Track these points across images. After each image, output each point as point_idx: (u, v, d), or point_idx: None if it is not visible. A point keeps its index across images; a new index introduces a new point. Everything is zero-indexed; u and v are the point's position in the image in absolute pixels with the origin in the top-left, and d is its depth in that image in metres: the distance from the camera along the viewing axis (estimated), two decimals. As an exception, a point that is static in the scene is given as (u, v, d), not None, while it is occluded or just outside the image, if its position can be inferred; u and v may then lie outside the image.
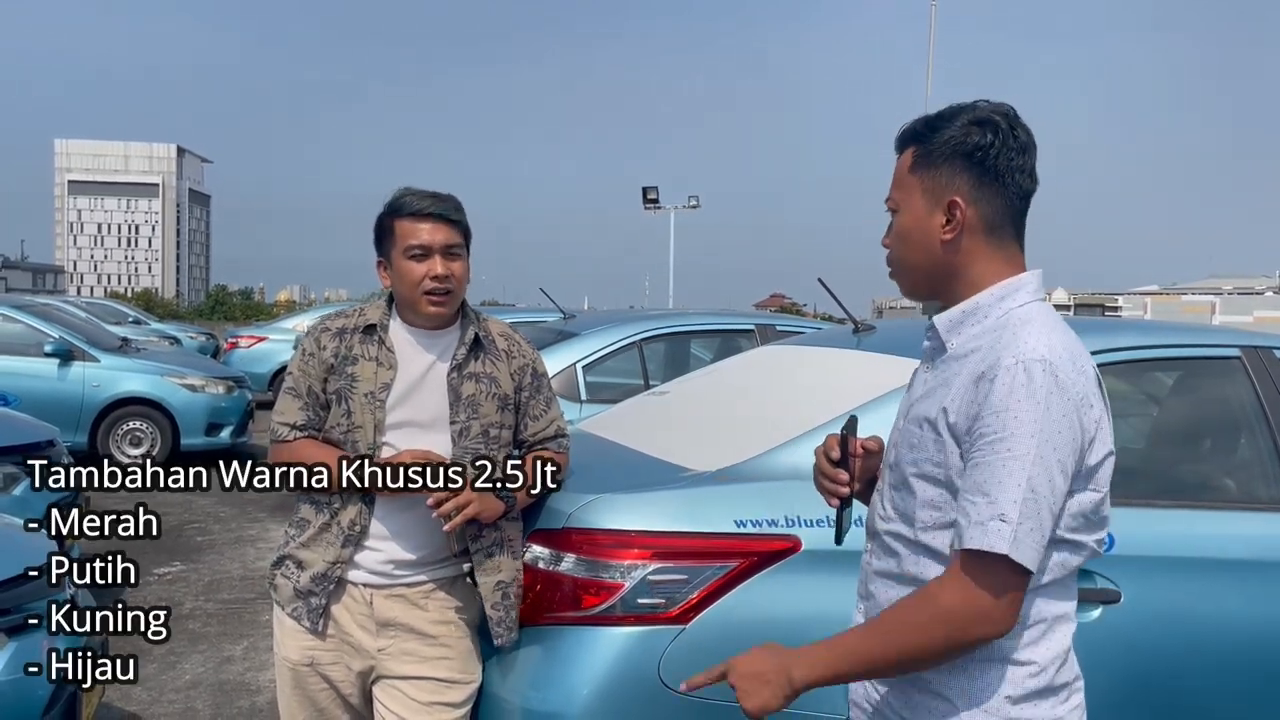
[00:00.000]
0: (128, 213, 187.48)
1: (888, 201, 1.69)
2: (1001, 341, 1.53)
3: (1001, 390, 1.47)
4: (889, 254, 1.71)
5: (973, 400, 1.51)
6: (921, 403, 1.63)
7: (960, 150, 1.59)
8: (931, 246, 1.63)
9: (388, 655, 2.39)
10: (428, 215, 2.35)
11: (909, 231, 1.65)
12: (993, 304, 1.61)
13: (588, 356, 5.80)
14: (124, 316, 22.32)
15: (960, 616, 1.47)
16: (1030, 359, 1.48)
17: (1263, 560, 2.70)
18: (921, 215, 1.63)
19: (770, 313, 12.07)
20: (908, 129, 1.67)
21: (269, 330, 16.40)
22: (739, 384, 3.57)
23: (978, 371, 1.52)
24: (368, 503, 2.36)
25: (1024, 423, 1.45)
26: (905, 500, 1.62)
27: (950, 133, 1.60)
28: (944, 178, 1.61)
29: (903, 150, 1.67)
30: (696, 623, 2.30)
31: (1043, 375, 1.47)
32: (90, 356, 9.89)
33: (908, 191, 1.65)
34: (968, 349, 1.59)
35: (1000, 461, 1.45)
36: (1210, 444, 3.32)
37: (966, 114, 1.61)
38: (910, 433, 1.62)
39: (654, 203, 33.56)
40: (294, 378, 2.43)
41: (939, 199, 1.61)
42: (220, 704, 4.43)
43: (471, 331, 2.45)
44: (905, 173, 1.65)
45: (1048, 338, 1.52)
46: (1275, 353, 3.03)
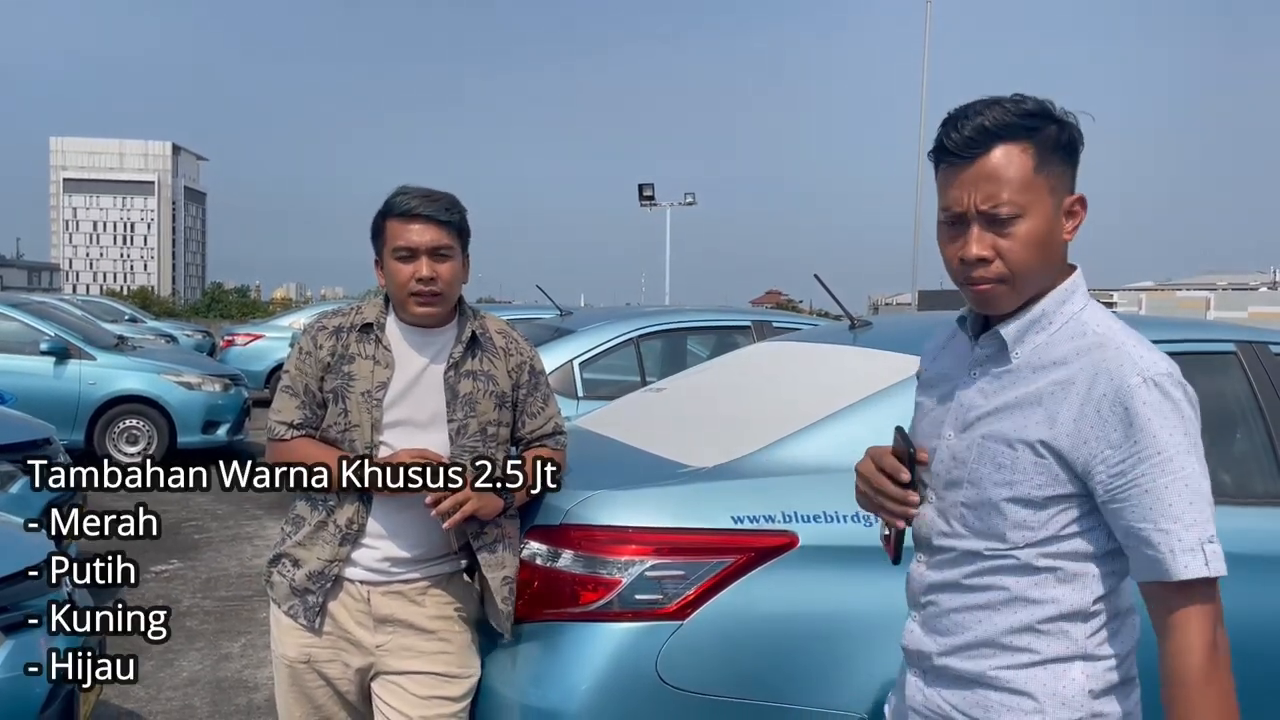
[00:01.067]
0: (123, 210, 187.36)
1: (1001, 208, 1.51)
2: (1107, 361, 1.50)
3: (1148, 413, 1.45)
4: (995, 265, 1.53)
5: (1100, 427, 1.47)
6: (998, 420, 1.57)
7: (1071, 147, 1.55)
8: (1058, 252, 1.57)
9: (386, 651, 2.40)
10: (416, 216, 2.34)
11: (1042, 236, 1.52)
12: (1055, 309, 1.57)
13: (584, 353, 5.81)
14: (120, 314, 22.29)
15: (1226, 645, 1.48)
16: (1158, 374, 1.48)
17: (1258, 555, 2.70)
18: (1052, 218, 1.54)
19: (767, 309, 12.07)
20: (1000, 123, 1.51)
21: (265, 328, 16.38)
22: (735, 380, 3.58)
23: (1094, 397, 1.48)
24: (365, 501, 2.36)
25: (1178, 438, 1.46)
26: (988, 519, 1.57)
27: (1055, 128, 1.52)
28: (1063, 176, 1.55)
29: (989, 147, 1.51)
30: (694, 618, 2.31)
31: (1178, 390, 1.49)
32: (86, 354, 9.87)
33: (1035, 193, 1.51)
34: (1043, 361, 1.55)
35: (1177, 483, 1.45)
36: (1206, 439, 3.32)
37: (1039, 105, 1.53)
38: (996, 451, 1.55)
39: (650, 199, 33.53)
40: (290, 376, 2.43)
41: (1062, 199, 1.55)
42: (218, 701, 4.44)
43: (469, 329, 2.44)
44: (1029, 173, 1.51)
45: (1149, 347, 1.52)
46: (1270, 348, 3.04)
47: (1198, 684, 1.45)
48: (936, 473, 1.65)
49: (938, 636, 1.64)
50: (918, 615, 1.70)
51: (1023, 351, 1.57)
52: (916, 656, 1.70)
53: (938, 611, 1.64)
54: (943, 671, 1.64)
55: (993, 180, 1.51)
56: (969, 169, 1.52)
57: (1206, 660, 1.45)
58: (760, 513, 2.38)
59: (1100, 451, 1.47)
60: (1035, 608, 1.55)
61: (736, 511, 2.38)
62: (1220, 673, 1.46)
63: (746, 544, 2.36)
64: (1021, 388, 1.55)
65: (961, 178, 1.53)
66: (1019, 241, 1.52)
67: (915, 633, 1.70)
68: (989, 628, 1.58)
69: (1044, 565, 1.54)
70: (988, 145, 1.51)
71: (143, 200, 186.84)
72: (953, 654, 1.62)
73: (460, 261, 2.41)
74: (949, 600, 1.62)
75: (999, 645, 1.57)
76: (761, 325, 6.33)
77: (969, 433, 1.60)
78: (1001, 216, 1.51)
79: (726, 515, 2.38)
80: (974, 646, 1.59)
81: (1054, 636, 1.55)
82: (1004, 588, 1.56)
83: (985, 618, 1.58)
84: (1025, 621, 1.55)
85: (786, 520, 2.37)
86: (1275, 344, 3.06)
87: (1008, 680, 1.56)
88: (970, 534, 1.59)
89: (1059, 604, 1.54)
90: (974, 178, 1.52)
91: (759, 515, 2.38)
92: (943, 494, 1.63)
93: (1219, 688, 1.46)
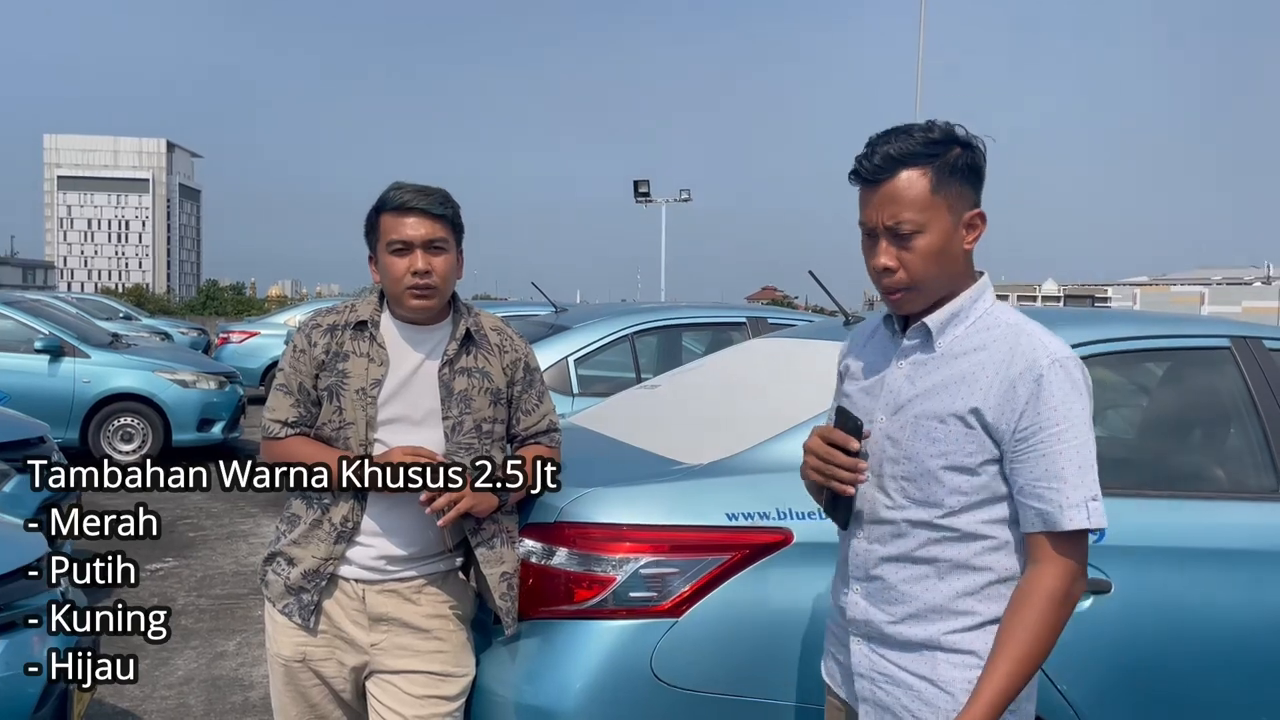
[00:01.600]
0: (118, 208, 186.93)
1: (901, 225, 1.74)
2: (1020, 345, 1.74)
3: (1051, 389, 1.69)
4: (899, 274, 1.77)
5: (1014, 401, 1.70)
6: (927, 400, 1.78)
7: (970, 166, 1.76)
8: (958, 261, 1.79)
9: (381, 650, 2.39)
10: (410, 210, 2.34)
11: (939, 250, 1.76)
12: (970, 305, 1.81)
13: (579, 350, 5.81)
14: (115, 312, 22.26)
15: (1075, 592, 1.71)
16: (1063, 358, 1.72)
17: (1252, 549, 2.71)
18: (950, 232, 1.76)
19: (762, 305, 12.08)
20: (904, 151, 1.73)
21: (261, 325, 16.34)
22: (730, 377, 3.57)
23: (1009, 375, 1.72)
24: (360, 499, 2.35)
25: (1077, 412, 1.70)
26: (928, 489, 1.77)
27: (955, 152, 1.74)
28: (963, 194, 1.76)
29: (894, 172, 1.73)
30: (689, 615, 2.31)
31: (1077, 371, 1.73)
32: (81, 352, 9.85)
33: (934, 211, 1.74)
34: (963, 349, 1.78)
35: (1071, 450, 1.68)
36: (1200, 434, 3.33)
37: (945, 133, 1.75)
38: (929, 427, 1.77)
39: (645, 196, 33.51)
40: (285, 374, 2.43)
41: (961, 215, 1.77)
42: (213, 699, 4.43)
43: (463, 326, 2.44)
44: (927, 194, 1.73)
45: (1056, 338, 1.76)
46: (1264, 343, 3.04)
47: (1050, 602, 1.68)
48: (873, 454, 1.85)
49: (887, 607, 1.83)
50: (860, 588, 1.89)
51: (944, 341, 1.80)
52: (863, 625, 1.88)
53: (885, 585, 1.84)
54: (892, 639, 1.83)
55: (896, 201, 1.74)
56: (877, 191, 1.76)
57: (1054, 592, 1.69)
58: (755, 510, 2.38)
59: (1012, 419, 1.71)
60: (976, 575, 1.77)
61: (731, 509, 2.38)
62: (1062, 606, 1.69)
63: (741, 541, 2.36)
64: (946, 371, 1.78)
65: (872, 199, 1.77)
66: (919, 254, 1.75)
67: (860, 604, 1.88)
68: (935, 595, 1.79)
69: (981, 533, 1.76)
70: (893, 171, 1.74)
71: (137, 197, 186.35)
72: (903, 622, 1.81)
73: (455, 255, 2.41)
74: (897, 573, 1.82)
75: (946, 610, 1.78)
76: (757, 322, 6.33)
77: (900, 414, 1.81)
78: (903, 232, 1.75)
79: (721, 512, 2.37)
80: (923, 613, 1.79)
81: (992, 600, 1.77)
82: (948, 559, 1.78)
83: (931, 586, 1.79)
84: (968, 588, 1.77)
85: (781, 517, 2.37)
86: (1269, 339, 3.07)
87: (954, 643, 1.78)
88: (912, 504, 1.80)
89: (994, 570, 1.77)
90: (881, 199, 1.76)
91: (753, 512, 2.38)
92: (880, 471, 1.84)
93: (1053, 616, 1.69)
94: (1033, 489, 1.70)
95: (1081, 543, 1.71)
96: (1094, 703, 2.45)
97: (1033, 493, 1.70)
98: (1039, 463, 1.69)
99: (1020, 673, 1.68)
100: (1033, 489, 1.70)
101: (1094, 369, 3.35)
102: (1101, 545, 2.50)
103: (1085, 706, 2.44)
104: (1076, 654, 2.43)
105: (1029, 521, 1.72)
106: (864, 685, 1.88)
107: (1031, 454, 1.70)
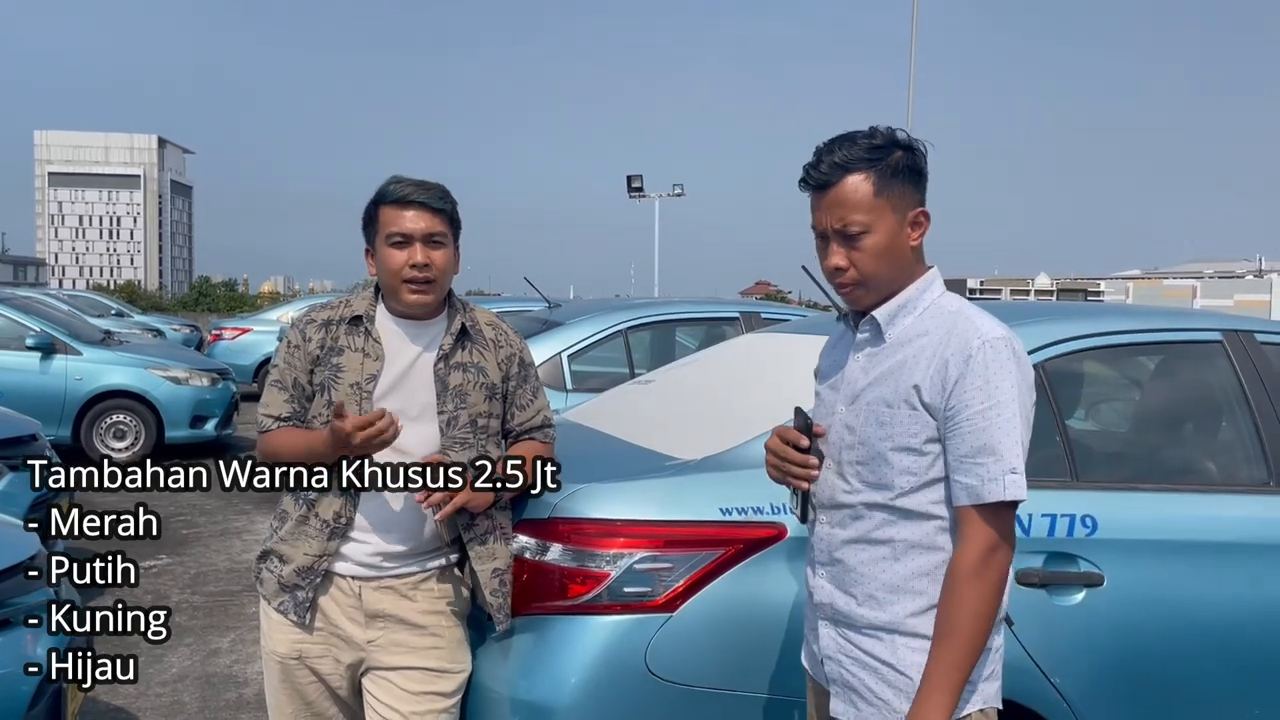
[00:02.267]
0: (109, 204, 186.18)
1: (849, 227, 1.86)
2: (957, 328, 1.84)
3: (979, 367, 1.78)
4: (850, 272, 1.90)
5: (945, 379, 1.80)
6: (878, 387, 1.90)
7: (912, 168, 1.88)
8: (904, 256, 1.91)
9: (377, 647, 2.39)
10: (410, 203, 2.34)
11: (886, 248, 1.88)
12: (918, 296, 1.92)
13: (573, 346, 5.80)
14: (106, 309, 22.19)
15: (1005, 561, 1.79)
16: (993, 338, 1.81)
17: (1244, 542, 2.72)
18: (895, 231, 1.88)
19: (755, 300, 12.08)
20: (847, 158, 1.85)
21: (253, 321, 16.31)
22: (723, 372, 3.57)
23: (943, 355, 1.82)
24: (351, 494, 2.35)
25: (1005, 389, 1.78)
26: (879, 471, 1.88)
27: (895, 156, 1.86)
28: (905, 195, 1.88)
29: (840, 178, 1.86)
30: (683, 610, 2.31)
31: (1006, 350, 1.80)
32: (72, 349, 9.82)
33: (878, 213, 1.86)
34: (909, 336, 1.89)
35: (996, 425, 1.77)
36: (1192, 427, 3.34)
37: (886, 139, 1.87)
38: (877, 413, 1.88)
39: (639, 191, 33.53)
40: (279, 370, 2.42)
41: (905, 214, 1.89)
42: (208, 697, 4.42)
43: (459, 321, 2.44)
44: (870, 198, 1.85)
45: (993, 321, 1.85)
46: (1256, 336, 3.05)
47: (966, 576, 1.77)
48: (833, 443, 1.96)
49: (849, 589, 1.92)
50: (824, 572, 1.98)
51: (894, 331, 1.91)
52: (829, 609, 1.97)
53: (846, 568, 1.93)
54: (855, 621, 1.91)
55: (843, 205, 1.86)
56: (825, 196, 1.89)
57: (979, 562, 1.77)
58: (748, 504, 2.38)
59: (944, 396, 1.81)
60: (929, 554, 1.85)
61: (725, 503, 2.38)
62: (985, 576, 1.77)
63: (735, 535, 2.36)
64: (894, 358, 1.89)
65: (821, 203, 1.90)
66: (867, 253, 1.88)
67: (825, 588, 1.98)
68: (892, 576, 1.87)
69: (932, 513, 1.85)
70: (839, 176, 1.86)
71: (129, 194, 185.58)
72: (864, 604, 1.90)
73: (452, 250, 2.41)
74: (856, 555, 1.91)
75: (903, 590, 1.86)
76: (750, 316, 6.32)
77: (856, 403, 1.93)
78: (851, 234, 1.87)
79: (715, 507, 2.38)
80: (881, 594, 1.88)
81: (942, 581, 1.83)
82: (902, 539, 1.87)
83: (888, 567, 1.88)
84: (922, 568, 1.86)
85: (775, 511, 2.37)
86: (1261, 332, 3.07)
87: (913, 626, 1.86)
88: (866, 487, 1.89)
89: (946, 550, 1.85)
90: (829, 204, 1.88)
91: (747, 507, 2.38)
92: (840, 458, 1.94)
93: (978, 588, 1.76)
94: (960, 464, 1.80)
95: (1004, 515, 1.79)
96: (1088, 695, 2.46)
97: (959, 467, 1.80)
98: (966, 439, 1.78)
99: (959, 648, 1.76)
100: (960, 464, 1.80)
101: (1087, 363, 3.37)
102: (1094, 539, 2.51)
103: (1079, 699, 2.45)
104: (1069, 647, 2.44)
105: (957, 496, 1.81)
106: (832, 667, 1.98)
107: (959, 430, 1.79)
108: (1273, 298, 30.89)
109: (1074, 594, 2.46)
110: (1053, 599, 2.44)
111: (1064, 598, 2.45)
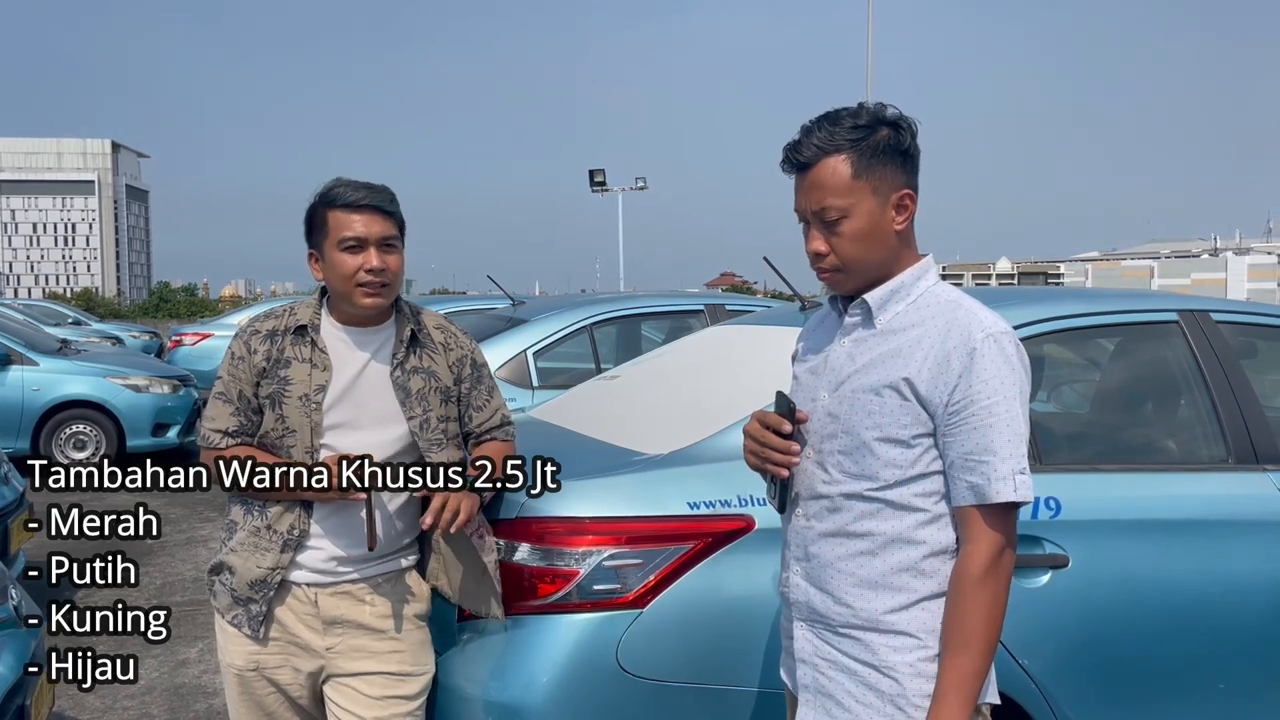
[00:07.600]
0: (64, 211, 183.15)
1: (826, 211, 1.79)
2: (957, 320, 1.77)
3: (984, 363, 1.72)
4: (830, 258, 1.83)
5: (947, 371, 1.74)
6: (866, 374, 1.81)
7: (897, 149, 1.79)
8: (889, 241, 1.82)
9: (337, 654, 2.36)
10: (362, 207, 2.30)
11: (866, 233, 1.80)
12: (912, 283, 1.85)
13: (538, 343, 5.79)
14: (63, 317, 21.84)
15: (1004, 564, 1.73)
16: (997, 333, 1.75)
17: (1206, 519, 2.75)
18: (876, 215, 1.80)
19: (721, 292, 12.11)
20: (827, 139, 1.78)
21: (214, 326, 16.07)
22: (689, 365, 3.57)
23: (944, 348, 1.75)
24: (306, 507, 2.31)
25: (1008, 386, 1.73)
26: (863, 461, 1.80)
27: (879, 136, 1.78)
28: (888, 176, 1.79)
29: (818, 160, 1.79)
30: (654, 606, 2.31)
31: (1011, 346, 1.76)
32: (28, 360, 9.66)
33: (856, 197, 1.78)
34: (902, 324, 1.82)
35: (1002, 422, 1.71)
36: (1152, 408, 3.38)
37: (873, 116, 1.79)
38: (866, 400, 1.80)
39: (601, 185, 33.49)
40: (224, 382, 2.37)
41: (888, 196, 1.80)
42: (176, 708, 4.37)
43: (408, 328, 2.41)
44: (848, 180, 1.77)
45: (992, 314, 1.79)
46: (1211, 315, 3.09)
47: (976, 581, 1.71)
48: (814, 430, 1.88)
49: (824, 584, 1.85)
50: (799, 568, 1.91)
51: (884, 318, 1.84)
52: (804, 608, 1.90)
53: (822, 562, 1.86)
54: (832, 620, 1.84)
55: (820, 188, 1.79)
56: (804, 179, 1.82)
57: (986, 567, 1.71)
58: (716, 498, 2.38)
59: (946, 391, 1.74)
60: (910, 549, 1.78)
61: (692, 497, 2.38)
62: (995, 580, 1.72)
63: (703, 529, 2.36)
64: (885, 345, 1.82)
65: (801, 187, 1.84)
66: (846, 238, 1.80)
67: (800, 585, 1.90)
68: (870, 571, 1.80)
69: (915, 506, 1.78)
70: (818, 158, 1.79)
71: (83, 200, 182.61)
72: (841, 602, 1.83)
73: (402, 254, 2.38)
74: (833, 549, 1.84)
75: (882, 586, 1.79)
76: (715, 309, 6.33)
77: (841, 390, 1.84)
78: (829, 219, 1.80)
79: (682, 502, 2.38)
80: (859, 591, 1.81)
81: (928, 576, 1.78)
82: (882, 532, 1.79)
83: (866, 563, 1.80)
84: (902, 563, 1.78)
85: (743, 504, 2.38)
86: (1216, 311, 3.11)
87: (891, 623, 1.79)
88: (847, 477, 1.82)
89: (929, 544, 1.78)
90: (808, 186, 1.82)
91: (715, 500, 2.38)
92: (820, 447, 1.86)
93: (990, 592, 1.71)
94: (964, 462, 1.73)
95: (1010, 516, 1.74)
96: (1055, 676, 2.48)
97: (964, 465, 1.73)
98: (970, 436, 1.72)
99: (977, 657, 1.71)
100: (964, 462, 1.73)
101: (1047, 346, 3.40)
102: (1058, 520, 2.53)
103: (1046, 680, 2.47)
104: (1037, 629, 2.46)
105: (960, 495, 1.75)
106: (806, 672, 1.90)
107: (964, 427, 1.73)
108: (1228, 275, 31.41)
109: (1040, 576, 2.48)
110: (1019, 581, 2.46)
111: (1030, 580, 2.47)
